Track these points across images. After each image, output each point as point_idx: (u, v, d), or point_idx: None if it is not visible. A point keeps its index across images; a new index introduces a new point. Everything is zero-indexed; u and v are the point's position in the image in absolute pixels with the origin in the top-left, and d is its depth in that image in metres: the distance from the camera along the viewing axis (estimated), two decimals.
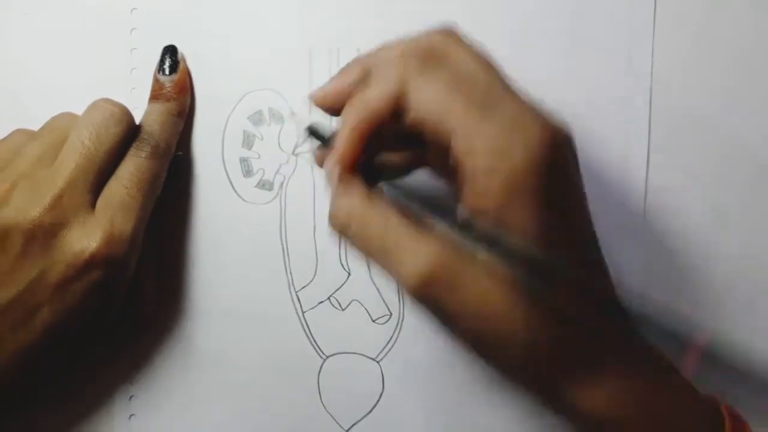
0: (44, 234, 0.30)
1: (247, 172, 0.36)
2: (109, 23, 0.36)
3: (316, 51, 0.36)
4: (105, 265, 0.31)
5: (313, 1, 0.36)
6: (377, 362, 0.37)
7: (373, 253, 0.27)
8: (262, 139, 0.36)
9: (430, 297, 0.26)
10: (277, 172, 0.36)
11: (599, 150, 0.36)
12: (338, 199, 0.27)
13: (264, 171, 0.36)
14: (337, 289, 0.37)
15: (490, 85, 0.26)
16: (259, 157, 0.36)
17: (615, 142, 0.36)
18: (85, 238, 0.30)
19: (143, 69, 0.36)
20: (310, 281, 0.37)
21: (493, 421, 0.37)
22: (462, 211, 0.26)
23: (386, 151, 0.30)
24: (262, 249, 0.36)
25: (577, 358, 0.27)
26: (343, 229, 0.27)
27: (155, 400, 0.37)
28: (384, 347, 0.37)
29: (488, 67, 0.27)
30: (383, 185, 0.29)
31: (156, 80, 0.35)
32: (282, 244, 0.36)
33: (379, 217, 0.27)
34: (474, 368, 0.36)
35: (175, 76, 0.35)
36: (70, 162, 0.31)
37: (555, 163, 0.25)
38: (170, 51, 0.35)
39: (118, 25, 0.36)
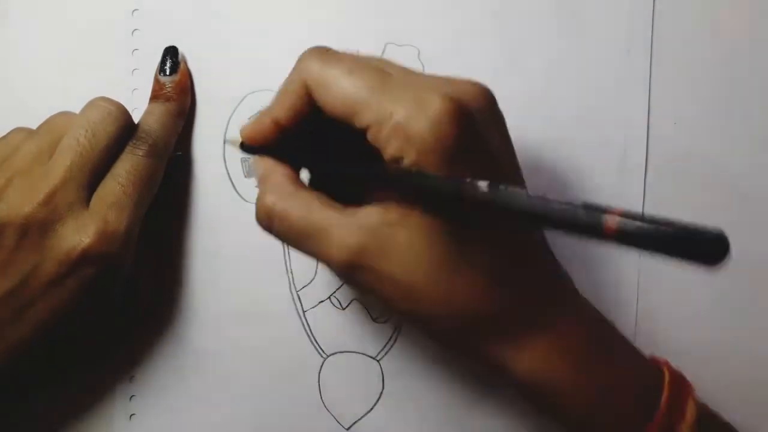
0: (37, 230, 0.30)
1: (249, 172, 0.36)
2: (110, 24, 0.36)
3: None
4: (98, 261, 0.31)
5: (314, 2, 0.36)
6: (377, 361, 0.37)
7: (299, 235, 0.28)
8: None
9: (358, 271, 0.27)
10: None
11: (598, 151, 0.36)
12: (261, 192, 0.29)
13: None
14: (338, 289, 0.37)
15: (386, 67, 0.28)
16: None
17: (614, 142, 0.36)
18: (77, 234, 0.30)
19: (144, 70, 0.36)
20: (311, 280, 0.37)
21: (492, 420, 0.37)
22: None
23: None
24: (263, 248, 0.36)
25: (509, 323, 0.27)
26: (268, 218, 0.28)
27: (156, 400, 0.37)
28: (384, 346, 0.37)
29: (378, 58, 0.29)
30: (305, 175, 0.29)
31: (157, 81, 0.35)
32: (283, 244, 0.36)
33: (302, 200, 0.28)
34: (474, 366, 0.37)
35: (175, 77, 0.35)
36: (64, 159, 0.31)
37: (461, 130, 0.25)
38: (171, 52, 0.36)
39: (120, 26, 0.36)
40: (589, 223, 0.20)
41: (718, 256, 0.18)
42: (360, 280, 0.27)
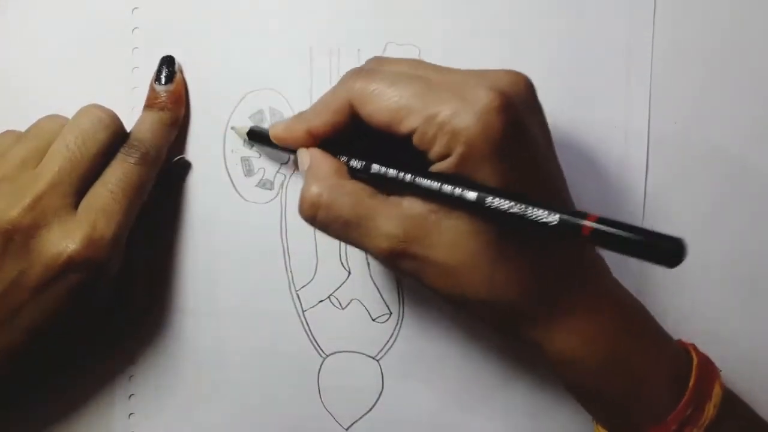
0: (23, 235, 0.30)
1: (248, 172, 0.36)
2: (110, 22, 0.36)
3: (316, 51, 0.36)
4: (84, 267, 0.30)
5: (314, 1, 0.36)
6: (377, 361, 0.37)
7: (345, 225, 0.29)
8: None
9: (403, 258, 0.28)
10: (277, 171, 0.36)
11: (599, 150, 0.36)
12: (307, 183, 0.29)
13: (265, 170, 0.36)
14: (337, 288, 0.37)
15: (425, 73, 0.29)
16: (260, 156, 0.36)
17: (615, 142, 0.36)
18: (63, 240, 0.30)
19: (145, 68, 0.36)
20: (311, 280, 0.37)
21: (491, 421, 0.37)
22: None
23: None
24: (263, 248, 0.36)
25: (542, 304, 0.29)
26: (312, 208, 0.29)
27: (155, 399, 0.37)
28: (384, 346, 0.37)
29: (413, 60, 0.30)
30: (349, 166, 0.30)
31: (152, 89, 0.35)
32: (282, 243, 0.36)
33: (348, 190, 0.29)
34: (474, 367, 0.37)
35: (171, 86, 0.35)
36: (53, 165, 0.31)
37: (507, 121, 0.26)
38: (167, 61, 0.35)
39: (120, 24, 0.36)
40: (570, 226, 0.24)
41: (675, 260, 0.22)
42: (405, 267, 0.28)
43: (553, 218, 0.24)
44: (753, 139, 0.36)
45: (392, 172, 0.29)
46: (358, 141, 0.30)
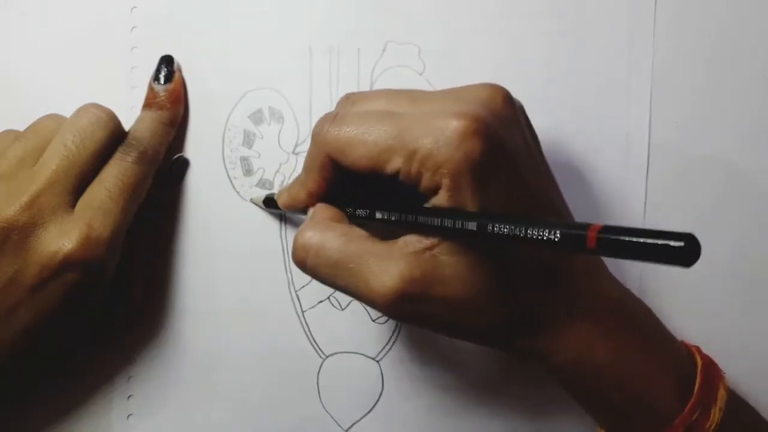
0: (19, 233, 0.30)
1: (248, 171, 0.36)
2: (109, 21, 0.36)
3: (316, 50, 0.36)
4: (80, 266, 0.30)
5: (314, 0, 0.36)
6: (377, 362, 0.37)
7: (335, 268, 0.28)
8: (262, 138, 0.36)
9: (408, 300, 0.27)
10: (277, 171, 0.36)
11: (599, 150, 0.36)
12: (301, 228, 0.29)
13: (264, 170, 0.36)
14: None
15: (396, 105, 0.28)
16: (260, 156, 0.36)
17: (615, 144, 0.36)
18: (60, 239, 0.30)
19: (143, 68, 0.36)
20: (310, 280, 0.36)
21: (491, 421, 0.37)
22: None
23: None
24: (262, 248, 0.36)
25: (543, 317, 0.28)
26: (303, 251, 0.28)
27: (154, 400, 0.37)
28: (384, 347, 0.37)
29: (384, 93, 0.29)
30: (356, 215, 0.30)
31: (151, 89, 0.35)
32: (282, 243, 0.36)
33: (339, 232, 0.28)
34: (474, 368, 0.37)
35: (170, 86, 0.35)
36: (51, 163, 0.31)
37: (486, 143, 0.26)
38: (166, 61, 0.35)
39: (119, 23, 0.36)
40: (573, 241, 0.22)
41: (690, 258, 0.20)
42: (410, 309, 0.27)
43: (555, 235, 0.23)
44: (754, 141, 0.35)
45: (395, 215, 0.28)
46: (364, 188, 0.30)
